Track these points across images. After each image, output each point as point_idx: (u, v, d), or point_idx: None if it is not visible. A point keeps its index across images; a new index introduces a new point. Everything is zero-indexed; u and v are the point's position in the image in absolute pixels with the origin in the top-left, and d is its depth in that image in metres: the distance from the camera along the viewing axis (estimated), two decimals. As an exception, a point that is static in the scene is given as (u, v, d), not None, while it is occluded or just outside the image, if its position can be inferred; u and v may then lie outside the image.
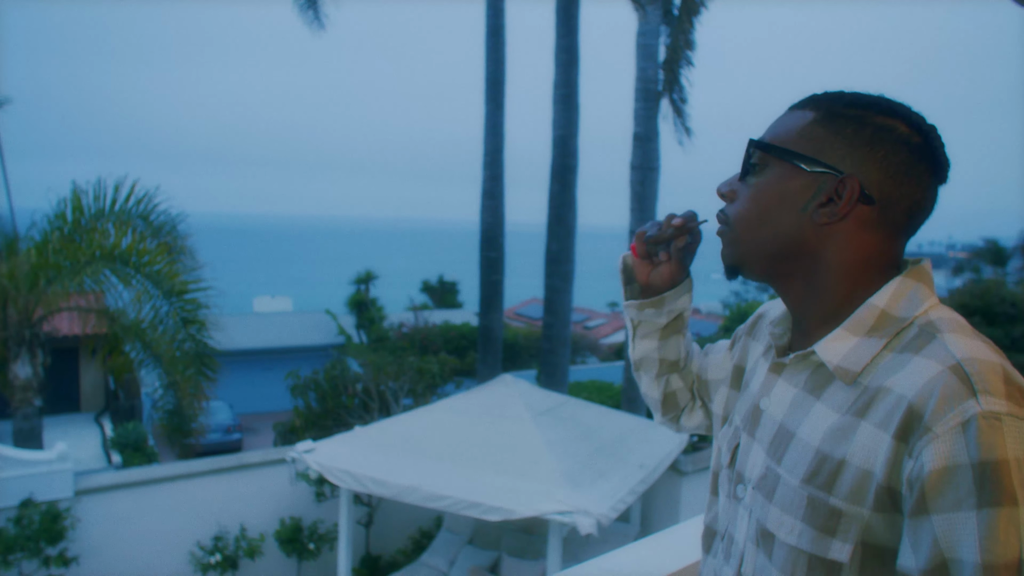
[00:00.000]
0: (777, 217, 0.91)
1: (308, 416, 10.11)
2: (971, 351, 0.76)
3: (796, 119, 0.91)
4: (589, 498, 5.42)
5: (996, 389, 0.73)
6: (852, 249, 0.88)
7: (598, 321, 34.65)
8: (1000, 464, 0.69)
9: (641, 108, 9.16)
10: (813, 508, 0.83)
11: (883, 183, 0.85)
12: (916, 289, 0.86)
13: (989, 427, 0.71)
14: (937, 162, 0.87)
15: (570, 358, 10.51)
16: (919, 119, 0.87)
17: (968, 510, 0.70)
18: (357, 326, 23.59)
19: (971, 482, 0.70)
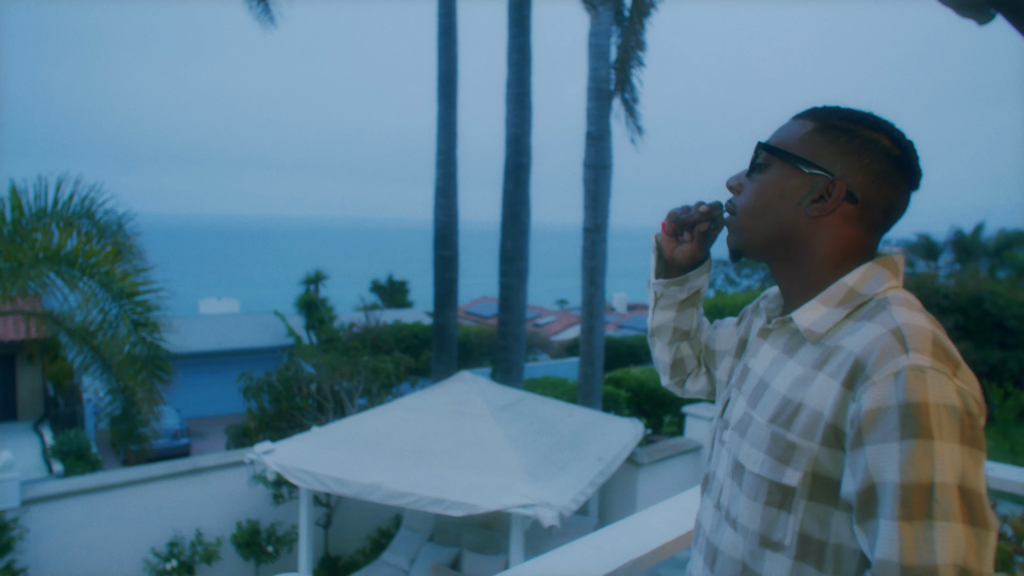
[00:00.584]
0: (776, 209, 1.10)
1: (262, 418, 9.97)
2: (910, 319, 0.96)
3: (798, 127, 1.10)
4: (550, 491, 5.50)
5: (924, 349, 0.91)
6: (836, 239, 1.07)
7: (548, 318, 34.92)
8: (920, 406, 0.88)
9: (594, 107, 9.30)
10: (774, 442, 1.03)
11: (866, 186, 1.05)
12: (880, 274, 1.05)
13: (915, 377, 0.89)
14: (912, 172, 1.07)
15: (525, 355, 10.60)
16: (900, 135, 1.06)
17: (892, 441, 0.88)
18: (307, 327, 23.29)
19: (897, 419, 0.89)
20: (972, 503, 0.86)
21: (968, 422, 0.88)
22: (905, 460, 0.87)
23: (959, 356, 0.93)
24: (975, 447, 0.88)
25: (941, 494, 0.85)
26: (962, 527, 0.84)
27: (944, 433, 0.87)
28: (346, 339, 19.56)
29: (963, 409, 0.88)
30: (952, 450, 0.86)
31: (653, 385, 12.21)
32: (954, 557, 0.84)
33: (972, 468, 0.87)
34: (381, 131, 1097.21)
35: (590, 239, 9.50)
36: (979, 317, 16.10)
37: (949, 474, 0.86)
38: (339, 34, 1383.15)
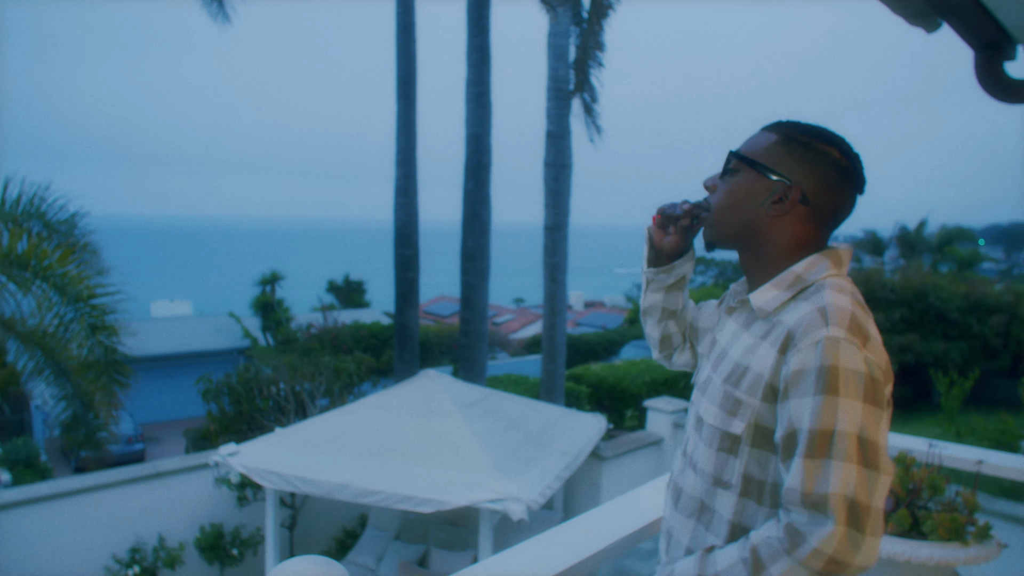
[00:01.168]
0: (743, 208, 1.30)
1: (222, 420, 9.85)
2: (835, 301, 1.16)
3: (764, 138, 1.31)
4: (518, 485, 5.58)
5: (842, 324, 1.12)
6: (791, 234, 1.28)
7: (507, 317, 35.04)
8: (832, 369, 1.09)
9: (553, 107, 9.41)
10: (725, 398, 1.26)
11: (817, 191, 1.25)
12: (823, 264, 1.25)
13: (831, 346, 1.10)
14: (857, 180, 1.28)
15: (487, 353, 10.67)
16: (848, 148, 1.27)
17: (809, 396, 1.10)
18: (263, 328, 23.01)
19: (814, 379, 1.10)
20: (867, 449, 1.07)
21: (871, 385, 1.09)
22: (816, 411, 1.08)
23: (872, 332, 1.14)
24: (875, 406, 1.09)
25: (840, 439, 1.07)
26: (855, 467, 1.06)
27: (850, 392, 1.08)
28: (304, 340, 19.38)
29: (868, 374, 1.09)
30: (854, 406, 1.07)
31: (613, 381, 12.40)
32: (844, 489, 1.05)
33: (871, 422, 1.08)
34: (339, 130, 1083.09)
35: (551, 237, 9.61)
36: (923, 310, 16.67)
37: (849, 424, 1.07)
38: (296, 33, 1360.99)
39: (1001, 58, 2.18)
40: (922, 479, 1.97)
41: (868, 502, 1.06)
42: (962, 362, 15.61)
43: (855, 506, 1.05)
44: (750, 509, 1.23)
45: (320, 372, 10.45)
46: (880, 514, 1.08)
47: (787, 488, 1.11)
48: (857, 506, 1.05)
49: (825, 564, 1.06)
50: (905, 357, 15.98)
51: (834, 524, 1.05)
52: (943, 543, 1.87)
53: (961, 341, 16.45)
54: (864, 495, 1.06)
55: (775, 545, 1.11)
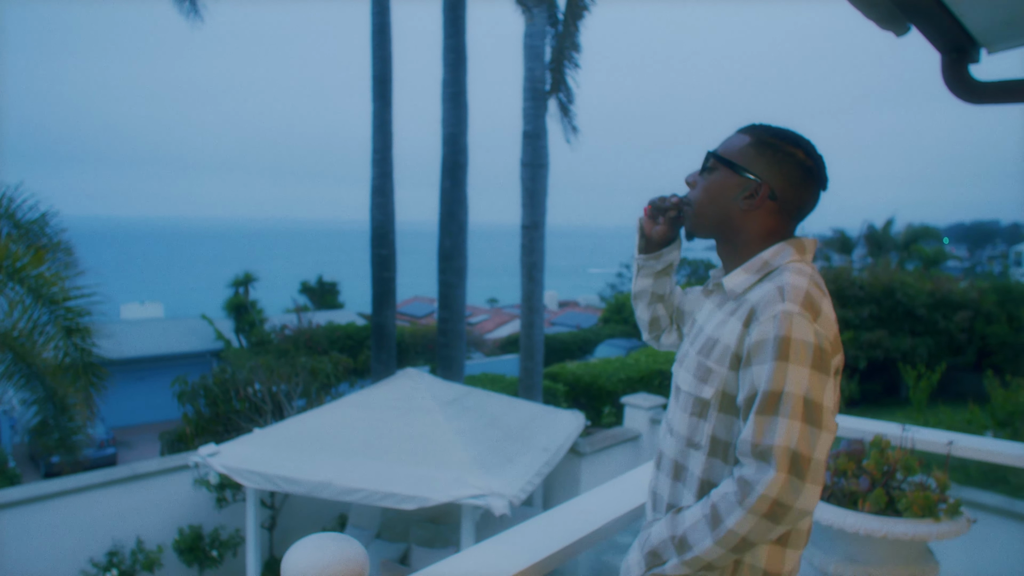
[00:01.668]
0: (719, 202, 1.46)
1: (198, 422, 9.79)
2: (793, 281, 1.32)
3: (739, 140, 1.46)
4: (500, 481, 5.64)
5: (796, 300, 1.28)
6: (760, 226, 1.44)
7: (481, 317, 35.02)
8: (784, 339, 1.25)
9: (530, 107, 9.48)
10: (698, 367, 1.42)
11: (784, 189, 1.41)
12: (787, 251, 1.41)
13: (785, 318, 1.26)
14: (820, 178, 1.44)
15: (465, 352, 10.71)
16: (813, 150, 1.43)
17: (765, 362, 1.26)
18: (236, 330, 22.80)
19: (771, 347, 1.25)
20: (811, 409, 1.22)
21: (819, 354, 1.25)
22: (769, 374, 1.25)
23: (824, 309, 1.30)
24: (822, 372, 1.25)
25: (787, 399, 1.22)
26: (799, 424, 1.21)
27: (799, 359, 1.24)
28: (279, 342, 19.26)
29: (816, 345, 1.25)
30: (802, 371, 1.23)
31: (589, 379, 12.50)
32: (787, 441, 1.21)
33: (816, 385, 1.23)
34: (314, 130, 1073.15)
35: (528, 236, 9.69)
36: (891, 307, 17.02)
37: (796, 386, 1.22)
38: (271, 32, 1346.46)
39: (966, 61, 2.29)
40: (896, 460, 2.07)
41: (809, 454, 1.21)
42: (929, 357, 15.97)
43: (796, 456, 1.20)
44: (717, 467, 1.38)
45: (297, 373, 10.42)
46: (820, 465, 1.22)
47: (740, 440, 1.27)
48: (798, 456, 1.20)
49: (770, 507, 1.21)
50: (874, 353, 16.31)
51: (775, 471, 1.20)
52: (917, 519, 1.97)
53: (928, 337, 16.83)
54: (806, 447, 1.21)
55: (730, 498, 1.25)
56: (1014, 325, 16.78)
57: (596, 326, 26.48)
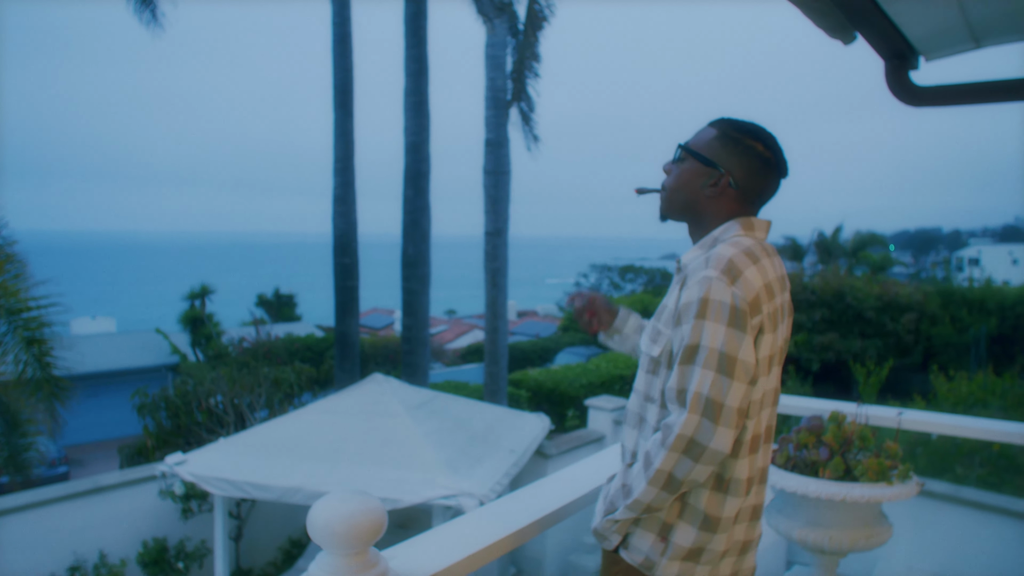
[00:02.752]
0: (687, 189, 1.62)
1: (159, 435, 9.66)
2: (721, 251, 1.47)
3: (707, 133, 1.63)
4: (470, 482, 5.73)
5: (718, 267, 1.43)
6: (722, 211, 1.59)
7: (440, 327, 34.95)
8: (704, 300, 1.42)
9: (492, 115, 9.63)
10: (651, 329, 1.59)
11: (744, 178, 1.58)
12: (733, 227, 1.56)
13: (706, 282, 1.43)
14: (779, 168, 1.60)
15: (429, 359, 10.77)
16: (772, 143, 1.59)
17: (689, 321, 1.43)
18: (192, 344, 22.44)
19: (694, 307, 1.43)
20: (724, 361, 1.38)
21: (734, 313, 1.40)
22: (690, 330, 1.43)
23: (747, 274, 1.43)
24: (737, 328, 1.39)
25: (702, 351, 1.40)
26: (713, 373, 1.38)
27: (716, 317, 1.40)
28: (237, 354, 19.01)
29: (732, 305, 1.40)
30: (718, 328, 1.39)
31: (551, 385, 12.65)
32: (700, 388, 1.38)
33: (731, 340, 1.39)
34: (275, 142, 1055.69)
35: (492, 242, 9.82)
36: (842, 310, 17.54)
37: (711, 340, 1.39)
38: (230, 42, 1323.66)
39: (907, 67, 2.50)
40: (852, 432, 2.24)
41: (721, 400, 1.37)
42: (878, 358, 16.48)
43: (709, 402, 1.37)
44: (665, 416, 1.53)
45: (259, 383, 10.35)
46: (732, 412, 1.38)
47: (667, 387, 1.46)
48: (711, 402, 1.37)
49: (686, 445, 1.38)
50: (826, 355, 16.79)
51: (688, 412, 1.38)
52: (872, 484, 2.14)
53: (877, 339, 17.38)
54: (718, 394, 1.37)
55: (656, 441, 1.43)
56: (957, 326, 17.44)
57: (555, 335, 26.65)
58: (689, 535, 1.48)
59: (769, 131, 1.61)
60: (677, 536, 1.49)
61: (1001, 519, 4.23)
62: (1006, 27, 2.31)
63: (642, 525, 1.53)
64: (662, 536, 1.50)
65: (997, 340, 17.26)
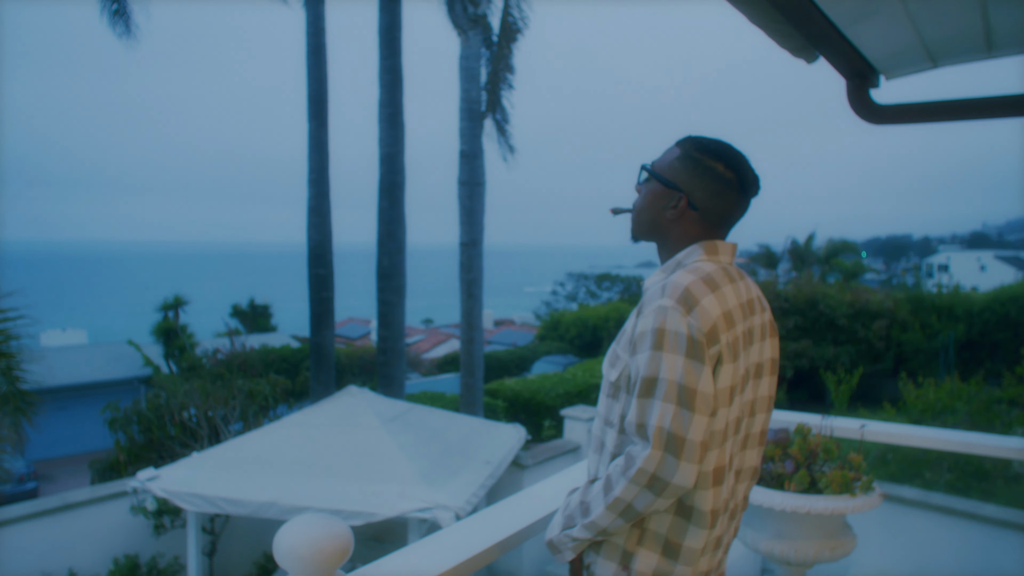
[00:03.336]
0: (651, 211, 1.60)
1: (131, 450, 9.53)
2: (678, 278, 1.44)
3: (671, 153, 1.60)
4: (445, 494, 5.73)
5: (673, 296, 1.40)
6: (684, 234, 1.57)
7: (417, 337, 34.83)
8: (659, 330, 1.39)
9: (466, 127, 9.66)
10: (611, 353, 1.54)
11: (704, 200, 1.54)
12: (696, 251, 1.54)
13: (661, 312, 1.39)
14: (743, 189, 1.55)
15: (405, 370, 10.74)
16: (734, 163, 1.53)
17: (645, 351, 1.40)
18: (165, 355, 22.16)
19: (650, 338, 1.39)
20: (683, 394, 1.34)
21: (691, 344, 1.36)
22: (647, 362, 1.39)
23: (704, 303, 1.39)
24: (694, 359, 1.36)
25: (661, 384, 1.36)
26: (673, 406, 1.34)
27: (672, 348, 1.36)
28: (211, 366, 18.80)
29: (688, 334, 1.36)
30: (676, 359, 1.36)
31: (528, 394, 12.67)
32: (661, 422, 1.34)
33: (689, 372, 1.35)
34: (249, 152, 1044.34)
35: (467, 253, 9.83)
36: (815, 318, 17.78)
37: (669, 373, 1.35)
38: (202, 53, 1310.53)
39: (867, 86, 2.56)
40: (817, 445, 2.29)
41: (683, 434, 1.34)
42: (851, 364, 16.70)
43: (671, 436, 1.33)
44: (625, 443, 1.51)
45: (234, 396, 10.25)
46: (694, 445, 1.34)
47: (627, 421, 1.42)
48: (673, 436, 1.34)
49: (649, 480, 1.35)
50: (800, 362, 16.99)
51: (651, 448, 1.34)
52: (836, 496, 2.19)
53: (849, 345, 17.63)
54: (679, 428, 1.34)
55: (618, 469, 1.41)
56: (926, 332, 17.74)
57: (532, 343, 26.69)
58: (651, 562, 1.47)
59: (735, 150, 1.56)
60: (639, 564, 1.47)
61: (968, 523, 4.31)
62: (960, 49, 2.39)
63: (603, 554, 1.51)
64: (624, 565, 1.49)
65: (966, 346, 17.58)
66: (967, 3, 1.93)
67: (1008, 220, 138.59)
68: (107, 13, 10.28)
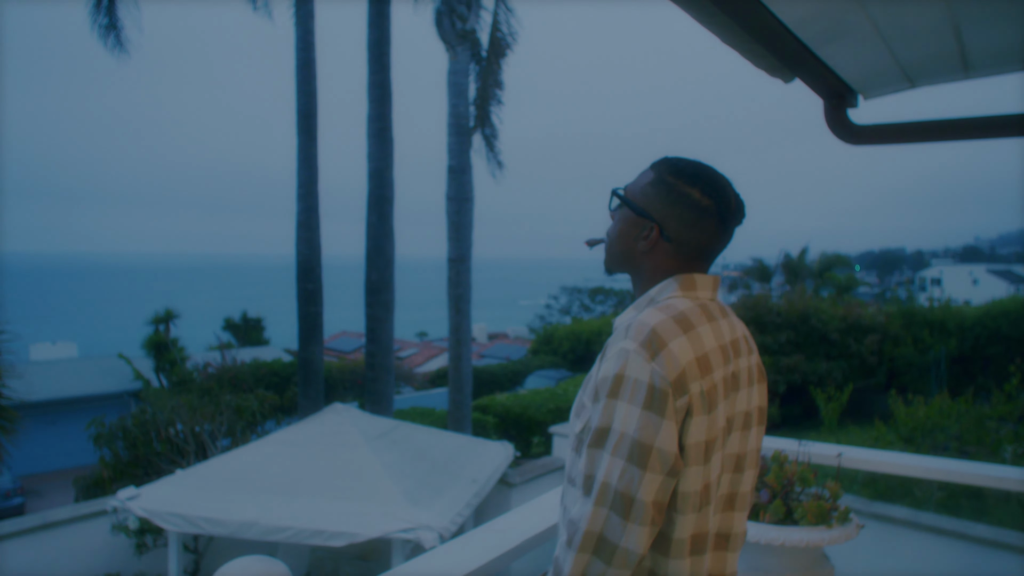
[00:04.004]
0: (622, 241, 1.44)
1: (116, 466, 9.42)
2: (645, 317, 1.29)
3: (643, 177, 1.42)
4: (429, 514, 5.66)
5: (637, 338, 1.24)
6: (657, 268, 1.40)
7: (410, 351, 34.76)
8: (618, 377, 1.23)
9: (454, 142, 9.65)
10: (577, 402, 1.37)
11: (678, 231, 1.36)
12: (670, 286, 1.37)
13: (622, 356, 1.24)
14: (721, 217, 1.36)
15: (394, 386, 10.66)
16: (712, 188, 1.35)
17: (603, 399, 1.24)
18: (156, 369, 22.03)
19: (608, 384, 1.23)
20: (636, 449, 1.18)
21: (651, 394, 1.19)
22: (602, 410, 1.23)
23: (672, 347, 1.23)
24: (654, 411, 1.19)
25: (613, 436, 1.21)
26: (623, 462, 1.19)
27: (631, 397, 1.21)
28: (201, 380, 18.69)
29: (650, 383, 1.20)
30: (632, 411, 1.20)
31: (519, 410, 12.60)
32: (608, 478, 1.20)
33: (646, 426, 1.18)
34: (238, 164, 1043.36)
35: (455, 269, 9.79)
36: (807, 332, 17.75)
37: (623, 425, 1.20)
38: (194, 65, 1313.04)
39: (845, 106, 2.53)
40: (793, 473, 2.24)
41: (631, 494, 1.18)
42: (843, 380, 16.66)
43: (618, 495, 1.18)
44: None
45: (221, 411, 10.16)
46: (644, 507, 1.18)
47: (575, 471, 1.29)
48: (619, 495, 1.18)
49: (595, 545, 1.21)
50: (792, 377, 16.95)
51: (594, 505, 1.20)
52: (811, 527, 2.14)
53: (842, 360, 17.60)
54: (627, 487, 1.18)
55: (563, 544, 1.26)
56: (919, 347, 17.72)
57: (525, 358, 26.62)
58: None
59: (715, 174, 1.38)
60: None
61: (960, 544, 4.26)
62: (936, 69, 2.36)
63: None
64: None
65: (958, 360, 17.56)
66: (939, 25, 1.90)
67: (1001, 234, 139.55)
68: (98, 27, 10.27)
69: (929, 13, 1.82)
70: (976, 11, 1.79)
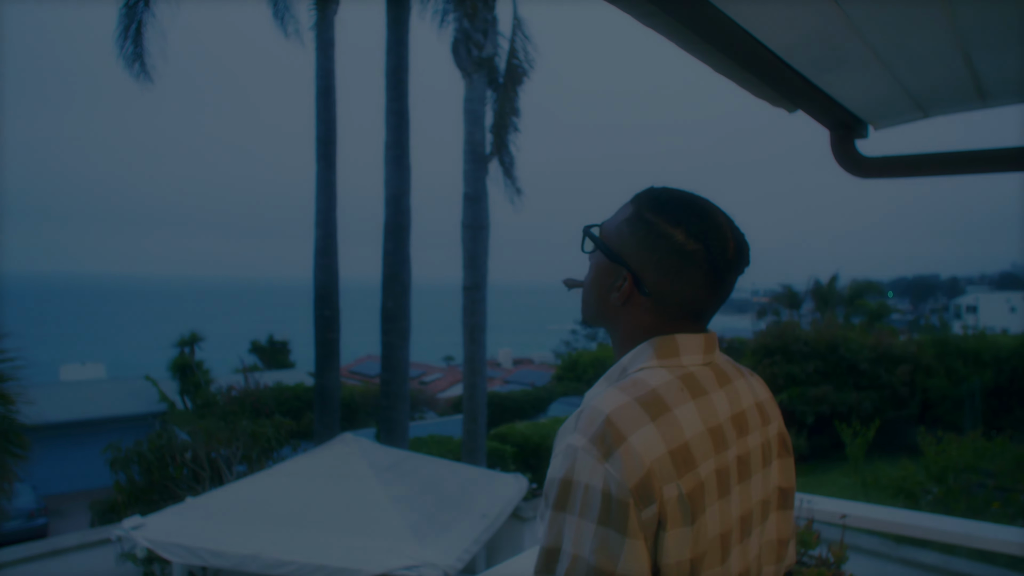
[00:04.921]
0: (595, 291, 1.15)
1: (131, 491, 9.42)
2: (599, 401, 0.99)
3: (622, 213, 1.12)
4: (435, 550, 5.50)
5: (587, 431, 0.96)
6: (633, 326, 1.10)
7: (435, 376, 34.71)
8: (563, 482, 0.95)
9: (470, 169, 9.61)
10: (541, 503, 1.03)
11: (658, 281, 1.06)
12: (644, 354, 1.07)
13: (568, 455, 0.95)
14: (713, 264, 1.05)
15: (409, 414, 10.55)
16: (702, 227, 1.05)
17: (548, 510, 0.97)
18: (181, 392, 22.23)
19: (554, 491, 0.96)
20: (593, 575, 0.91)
21: (607, 504, 0.91)
22: (548, 526, 0.96)
23: (628, 439, 0.94)
24: (612, 528, 0.91)
25: (564, 560, 0.93)
26: None
27: (582, 511, 0.92)
28: (224, 403, 18.78)
29: (604, 490, 0.91)
30: (585, 527, 0.92)
31: (538, 440, 12.41)
32: None
33: (603, 548, 0.91)
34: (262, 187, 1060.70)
35: (470, 297, 9.70)
36: (836, 362, 17.34)
37: (575, 546, 0.92)
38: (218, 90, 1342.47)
39: (853, 137, 2.38)
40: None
41: None
42: (873, 411, 16.22)
43: None
44: None
45: (237, 437, 10.14)
46: None
47: None
48: None
49: None
50: (821, 408, 16.55)
51: None
52: (809, 597, 1.96)
53: (872, 391, 17.14)
54: None
55: None
56: (952, 378, 17.21)
57: (550, 384, 26.41)
58: None
59: (707, 210, 1.07)
60: None
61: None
62: (949, 99, 2.21)
63: None
64: None
65: (993, 392, 17.00)
66: (946, 52, 1.76)
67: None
68: (124, 57, 10.43)
69: (933, 40, 1.69)
70: (983, 37, 1.66)
